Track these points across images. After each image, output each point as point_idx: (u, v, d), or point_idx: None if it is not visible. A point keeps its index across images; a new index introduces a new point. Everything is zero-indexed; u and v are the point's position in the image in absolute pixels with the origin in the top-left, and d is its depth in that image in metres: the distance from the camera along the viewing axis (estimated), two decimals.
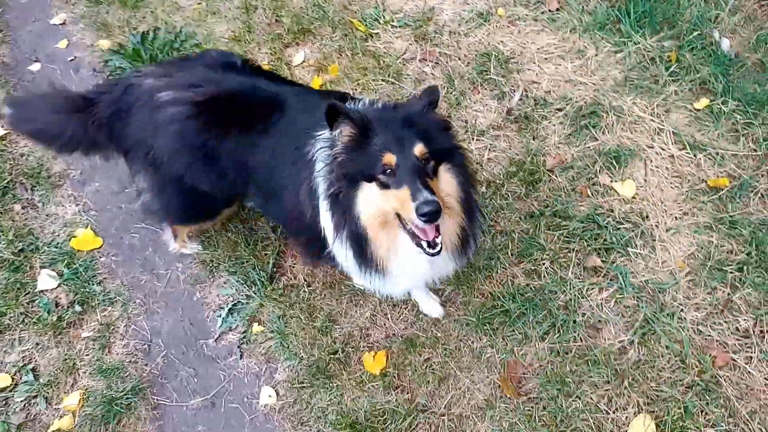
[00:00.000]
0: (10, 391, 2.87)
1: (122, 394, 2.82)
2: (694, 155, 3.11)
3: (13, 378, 2.90)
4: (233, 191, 2.66)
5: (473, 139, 3.40)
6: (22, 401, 2.84)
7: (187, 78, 2.37)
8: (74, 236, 3.36)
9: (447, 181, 2.05)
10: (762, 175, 2.99)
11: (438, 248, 1.96)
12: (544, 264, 2.93)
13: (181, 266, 3.25)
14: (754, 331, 2.65)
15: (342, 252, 2.16)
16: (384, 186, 1.93)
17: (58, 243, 3.34)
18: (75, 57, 4.26)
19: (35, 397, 2.86)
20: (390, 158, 1.89)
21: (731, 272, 2.77)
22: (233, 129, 2.35)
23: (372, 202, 1.99)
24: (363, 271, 2.18)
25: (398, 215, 1.96)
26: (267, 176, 2.41)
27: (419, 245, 1.97)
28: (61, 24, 4.46)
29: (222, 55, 2.63)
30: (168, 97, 2.31)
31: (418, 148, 1.90)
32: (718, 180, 3.00)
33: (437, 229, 1.95)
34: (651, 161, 3.15)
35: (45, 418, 2.81)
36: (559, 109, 3.38)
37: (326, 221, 2.17)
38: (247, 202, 3.02)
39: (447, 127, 2.12)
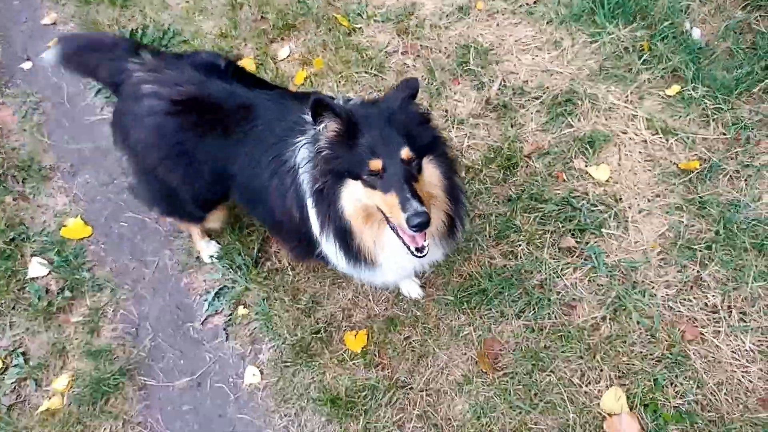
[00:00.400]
0: (1, 374, 2.95)
1: (110, 375, 2.89)
2: (666, 140, 3.21)
3: (3, 362, 2.98)
4: (212, 195, 2.67)
5: (453, 127, 3.49)
6: (12, 383, 2.91)
7: (173, 76, 2.40)
8: (64, 226, 3.44)
9: (431, 173, 2.08)
10: (731, 158, 3.09)
11: (425, 252, 2.02)
12: (520, 245, 3.01)
13: (169, 253, 3.33)
14: (722, 307, 2.74)
15: (330, 248, 2.20)
16: (370, 186, 1.96)
17: (48, 232, 3.42)
18: None
19: (25, 379, 2.93)
20: (377, 164, 1.91)
21: (700, 250, 2.86)
22: (210, 133, 2.38)
23: (356, 197, 2.03)
24: (351, 265, 2.23)
25: (382, 212, 2.01)
26: (249, 183, 2.43)
27: (407, 247, 2.03)
28: (52, 24, 4.54)
29: (210, 56, 2.65)
30: (150, 90, 2.37)
31: (405, 152, 1.91)
32: (688, 163, 3.10)
33: (424, 234, 2.00)
34: (625, 146, 3.24)
35: (35, 400, 2.89)
36: (537, 98, 3.47)
37: (313, 219, 2.19)
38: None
39: (427, 119, 2.13)
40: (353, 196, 2.03)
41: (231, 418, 2.81)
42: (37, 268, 3.26)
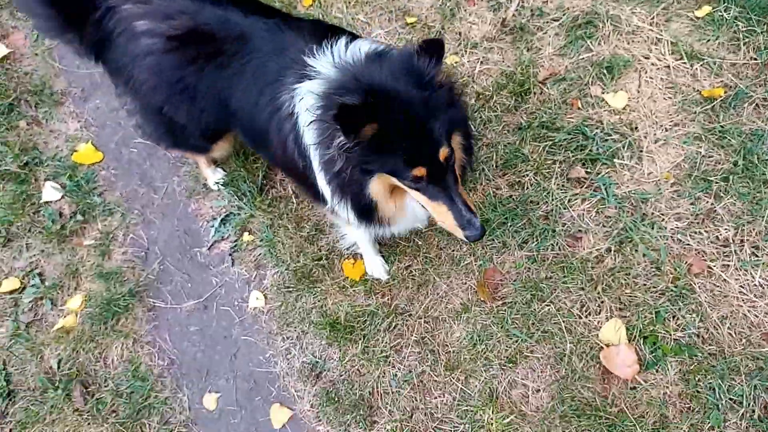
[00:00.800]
0: (19, 293, 3.08)
1: (120, 296, 2.99)
2: (691, 65, 3.01)
3: (21, 282, 3.10)
4: (218, 127, 2.56)
5: (466, 52, 3.34)
6: (29, 302, 3.04)
7: (165, 6, 2.24)
8: (76, 151, 3.48)
9: (456, 144, 1.94)
10: (759, 85, 2.89)
11: (479, 231, 1.91)
12: (527, 175, 2.93)
13: (177, 179, 3.35)
14: (734, 240, 2.64)
15: (344, 211, 2.08)
16: (413, 188, 1.88)
17: (60, 157, 3.46)
18: None
19: (41, 299, 3.05)
20: (421, 171, 1.79)
21: (716, 182, 2.74)
22: (209, 65, 2.24)
23: (388, 184, 1.92)
24: (365, 227, 2.16)
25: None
26: (248, 123, 2.31)
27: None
28: None
29: None
30: (144, 27, 2.23)
31: (443, 153, 1.79)
32: (713, 90, 2.91)
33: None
34: (645, 72, 3.06)
35: (51, 318, 3.02)
36: (555, 20, 3.27)
37: (322, 184, 2.06)
38: None
39: (458, 96, 1.95)
40: (386, 182, 1.91)
41: (236, 340, 2.90)
42: (50, 192, 3.33)
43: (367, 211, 2.02)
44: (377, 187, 1.92)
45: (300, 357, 2.80)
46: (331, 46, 2.00)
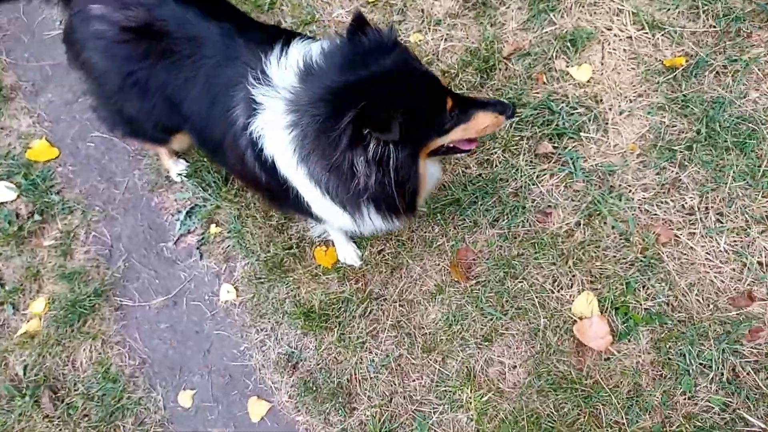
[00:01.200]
0: None
1: (86, 296, 2.91)
2: (653, 35, 3.01)
3: None
4: (170, 125, 2.43)
5: (429, 29, 3.28)
6: None
7: None
8: (30, 148, 3.34)
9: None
10: (719, 53, 2.91)
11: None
12: (495, 153, 2.91)
13: (138, 173, 3.25)
14: (699, 208, 2.68)
15: (371, 220, 1.94)
16: (451, 128, 1.88)
17: (14, 155, 3.32)
18: None
19: (2, 304, 2.96)
20: (450, 102, 1.82)
21: (680, 151, 2.76)
22: (160, 64, 2.13)
23: (425, 156, 1.89)
24: (391, 222, 2.01)
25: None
26: (201, 130, 2.22)
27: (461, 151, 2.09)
28: None
29: None
30: (99, 11, 2.14)
31: (442, 78, 1.95)
32: (674, 59, 2.93)
33: None
34: (608, 43, 3.05)
35: (13, 323, 2.93)
36: None
37: (317, 198, 1.91)
38: None
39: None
40: (425, 154, 1.87)
41: (208, 334, 2.85)
42: (4, 192, 3.20)
43: (412, 201, 1.92)
44: (422, 164, 1.86)
45: (275, 348, 2.76)
46: (282, 54, 1.90)
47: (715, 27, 2.96)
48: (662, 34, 3.01)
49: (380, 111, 1.61)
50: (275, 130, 1.81)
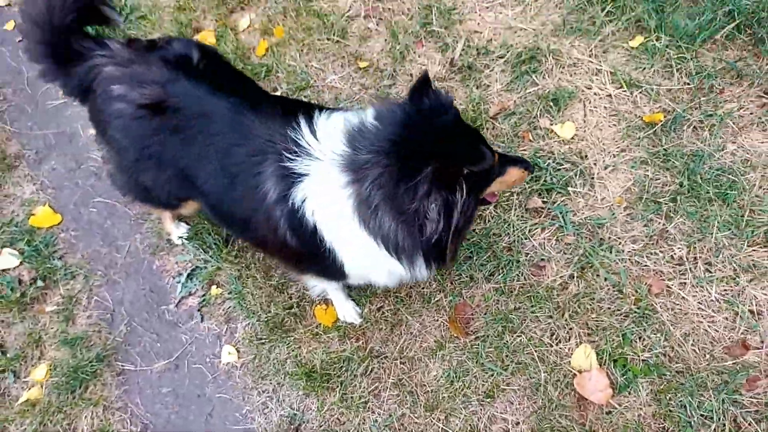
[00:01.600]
0: None
1: (88, 362, 2.91)
2: (631, 93, 3.17)
3: None
4: (184, 196, 2.52)
5: None
6: None
7: (141, 73, 2.24)
8: (33, 214, 3.41)
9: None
10: (695, 108, 3.06)
11: None
12: (488, 209, 3.01)
13: (140, 237, 3.31)
14: (687, 258, 2.76)
15: (413, 267, 2.01)
16: (495, 179, 2.10)
17: (17, 222, 3.39)
18: (23, 38, 4.22)
19: (3, 372, 2.95)
20: (492, 161, 1.94)
21: (666, 203, 2.87)
22: (173, 139, 2.22)
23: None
24: (432, 271, 2.10)
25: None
26: (219, 206, 2.30)
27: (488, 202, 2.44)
28: (6, 5, 4.39)
29: (183, 46, 2.45)
30: (119, 91, 2.24)
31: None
32: (653, 115, 3.07)
33: None
34: (589, 102, 3.21)
35: (14, 392, 2.92)
36: (501, 57, 3.41)
37: (358, 257, 2.09)
38: None
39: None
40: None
41: (210, 398, 2.85)
42: (7, 259, 3.24)
43: (456, 249, 2.03)
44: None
45: (277, 410, 2.76)
46: (311, 125, 2.01)
47: (689, 84, 3.13)
48: (640, 92, 3.17)
49: (454, 163, 1.76)
50: (325, 193, 1.90)
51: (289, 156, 1.96)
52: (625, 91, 3.17)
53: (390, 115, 1.89)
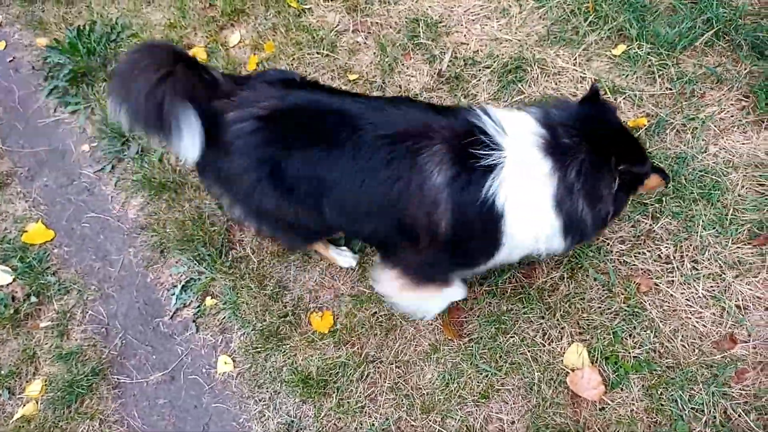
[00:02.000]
0: None
1: (83, 376, 2.91)
2: (615, 99, 3.26)
3: None
4: (307, 216, 2.37)
5: None
6: None
7: (250, 95, 2.21)
8: (25, 231, 3.42)
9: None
10: (677, 112, 3.15)
11: None
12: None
13: (133, 250, 3.33)
14: (674, 257, 2.82)
15: (568, 243, 2.22)
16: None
17: (9, 239, 3.40)
18: (14, 57, 4.27)
19: None
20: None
21: (651, 204, 2.93)
22: (300, 143, 2.17)
23: None
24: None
25: None
26: (354, 193, 2.19)
27: None
28: None
29: (280, 72, 2.51)
30: (232, 117, 2.17)
31: None
32: (637, 120, 3.16)
33: None
34: None
35: (9, 408, 2.91)
36: (487, 67, 3.49)
37: (528, 237, 2.19)
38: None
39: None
40: None
41: (207, 408, 2.85)
42: (1, 276, 3.25)
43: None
44: None
45: (275, 418, 2.77)
46: (496, 120, 2.11)
47: (671, 89, 3.22)
48: (623, 98, 3.26)
49: (638, 155, 2.15)
50: (526, 179, 2.04)
51: (483, 150, 2.03)
52: (609, 97, 3.26)
53: (578, 110, 2.16)
